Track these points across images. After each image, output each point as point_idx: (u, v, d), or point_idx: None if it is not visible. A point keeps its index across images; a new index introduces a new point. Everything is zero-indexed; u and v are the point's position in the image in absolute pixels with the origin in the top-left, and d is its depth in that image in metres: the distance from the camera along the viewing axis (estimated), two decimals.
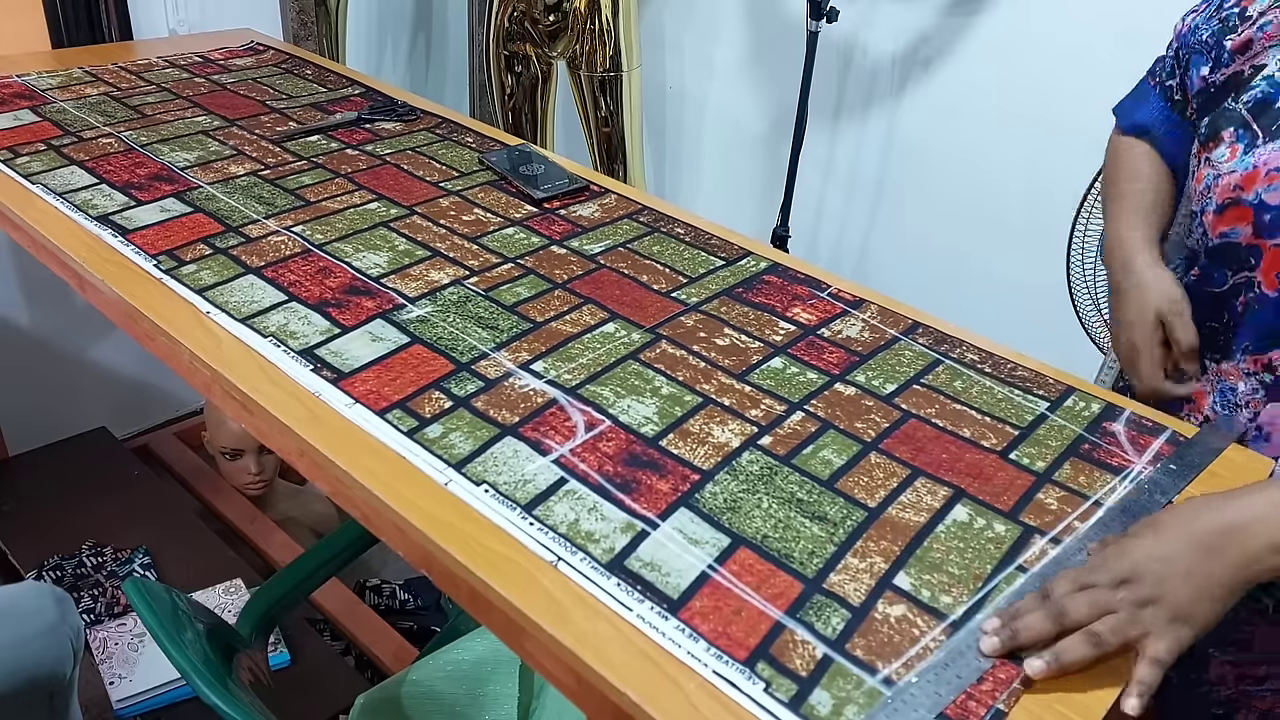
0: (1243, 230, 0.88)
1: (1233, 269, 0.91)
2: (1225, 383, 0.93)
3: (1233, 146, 0.89)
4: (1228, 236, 0.89)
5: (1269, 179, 0.85)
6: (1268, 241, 0.86)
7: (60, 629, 1.20)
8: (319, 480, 0.84)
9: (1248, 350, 0.91)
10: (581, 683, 0.65)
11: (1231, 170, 0.88)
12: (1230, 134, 0.90)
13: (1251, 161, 0.87)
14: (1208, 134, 0.92)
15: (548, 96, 2.28)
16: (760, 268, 1.10)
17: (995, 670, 0.63)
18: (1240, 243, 0.88)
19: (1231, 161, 0.88)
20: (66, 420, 2.08)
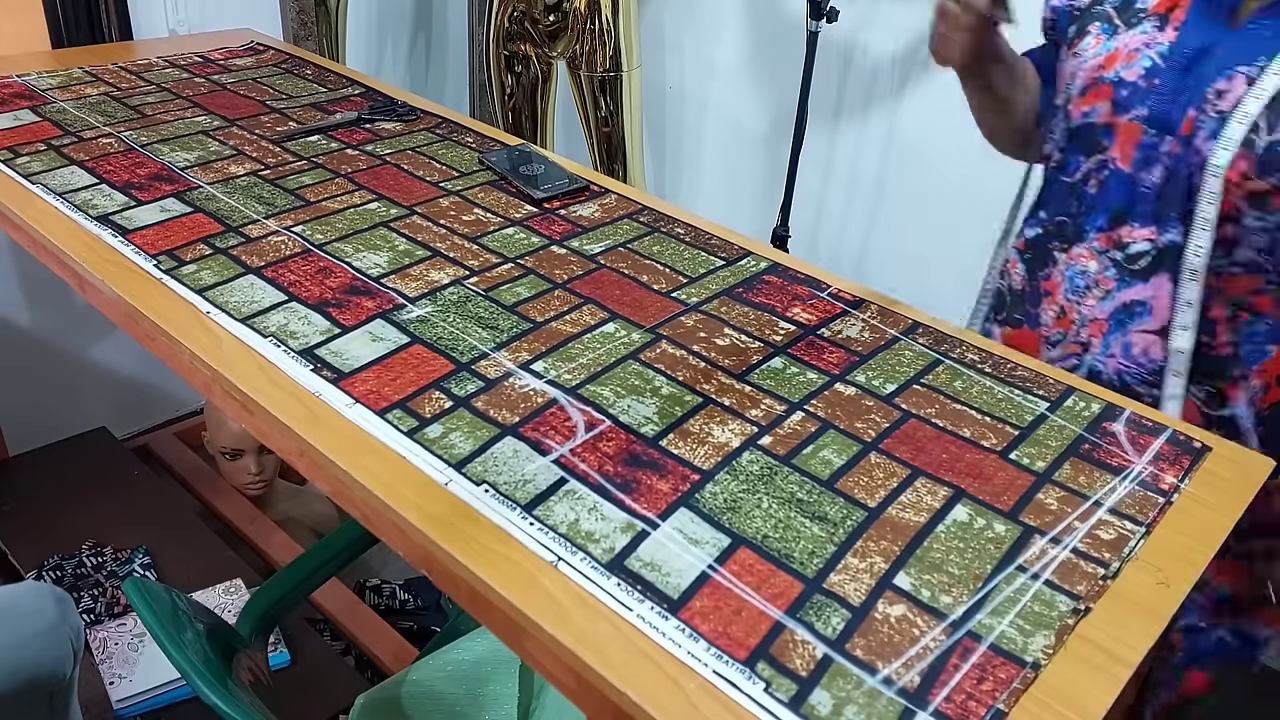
0: (1101, 108, 0.95)
1: (1088, 152, 0.97)
2: (1075, 267, 0.98)
3: (1097, 37, 0.97)
4: (1088, 117, 0.96)
5: (1128, 58, 0.94)
6: (1122, 118, 0.94)
7: (60, 629, 1.20)
8: (319, 480, 0.84)
9: (1101, 229, 0.97)
10: (581, 682, 0.65)
11: (1096, 55, 0.97)
12: (1096, 28, 0.98)
13: (1114, 45, 0.96)
14: (1075, 33, 1.00)
15: (548, 96, 2.28)
16: (760, 268, 1.10)
17: (995, 670, 0.64)
18: (1098, 123, 0.95)
19: (1096, 47, 0.97)
20: (66, 420, 2.08)
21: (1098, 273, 0.96)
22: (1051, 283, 1.01)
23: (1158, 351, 0.95)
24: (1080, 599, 0.70)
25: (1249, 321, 0.92)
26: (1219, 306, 0.93)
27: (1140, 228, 0.94)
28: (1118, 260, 0.95)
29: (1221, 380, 0.94)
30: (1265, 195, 0.87)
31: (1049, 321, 1.02)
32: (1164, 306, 0.94)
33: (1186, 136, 0.90)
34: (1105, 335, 0.97)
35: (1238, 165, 0.87)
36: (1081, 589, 0.70)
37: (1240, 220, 0.89)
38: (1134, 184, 0.94)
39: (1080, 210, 0.98)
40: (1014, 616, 0.68)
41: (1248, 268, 0.91)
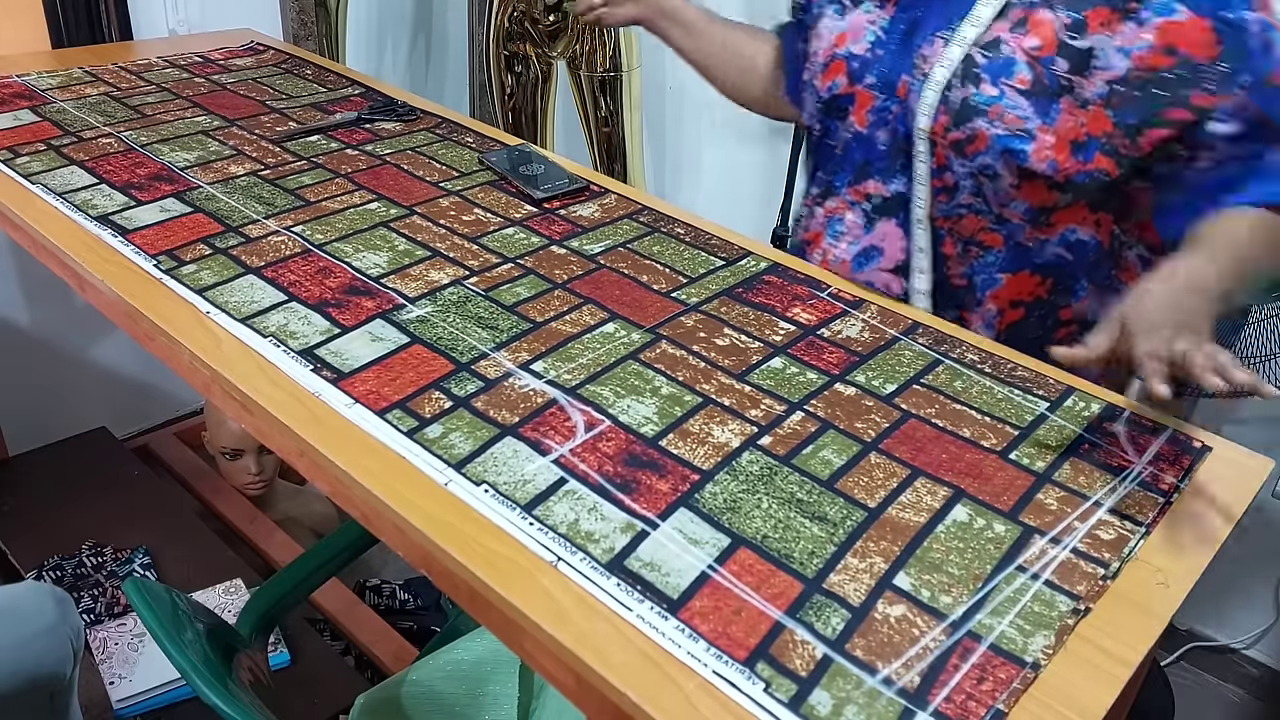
0: (840, 81, 1.08)
1: (838, 119, 1.10)
2: (834, 217, 1.13)
3: (831, 18, 1.11)
4: (832, 89, 1.09)
5: (855, 34, 1.07)
6: (857, 87, 1.07)
7: (60, 629, 1.20)
8: (319, 480, 0.84)
9: (850, 184, 1.10)
10: (581, 683, 0.65)
11: (831, 34, 1.10)
12: (830, 11, 1.12)
13: (844, 24, 1.09)
14: (815, 19, 1.14)
15: (548, 96, 2.28)
16: (760, 268, 1.10)
17: (995, 670, 0.64)
18: (840, 93, 1.08)
19: (830, 27, 1.10)
20: (66, 420, 2.08)
21: (850, 222, 1.11)
22: (814, 233, 1.17)
23: (897, 287, 1.09)
24: (1080, 599, 0.70)
25: (979, 256, 1.05)
26: (950, 245, 1.05)
27: (879, 182, 1.07)
28: (865, 210, 1.09)
29: (964, 308, 1.07)
30: (962, 143, 0.99)
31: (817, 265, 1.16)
32: (895, 249, 1.08)
33: (902, 99, 1.03)
34: (851, 274, 1.11)
35: (940, 120, 0.99)
36: (1081, 589, 0.70)
37: (952, 168, 1.01)
38: (871, 143, 1.07)
39: (834, 169, 1.13)
40: (1014, 617, 0.68)
41: (971, 209, 1.03)
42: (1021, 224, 1.01)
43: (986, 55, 0.97)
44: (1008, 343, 1.01)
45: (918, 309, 1.06)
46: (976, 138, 0.97)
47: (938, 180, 1.02)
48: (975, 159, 0.98)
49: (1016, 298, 1.05)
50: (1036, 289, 1.05)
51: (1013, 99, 0.95)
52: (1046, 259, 1.03)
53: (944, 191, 1.02)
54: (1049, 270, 1.04)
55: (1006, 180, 0.98)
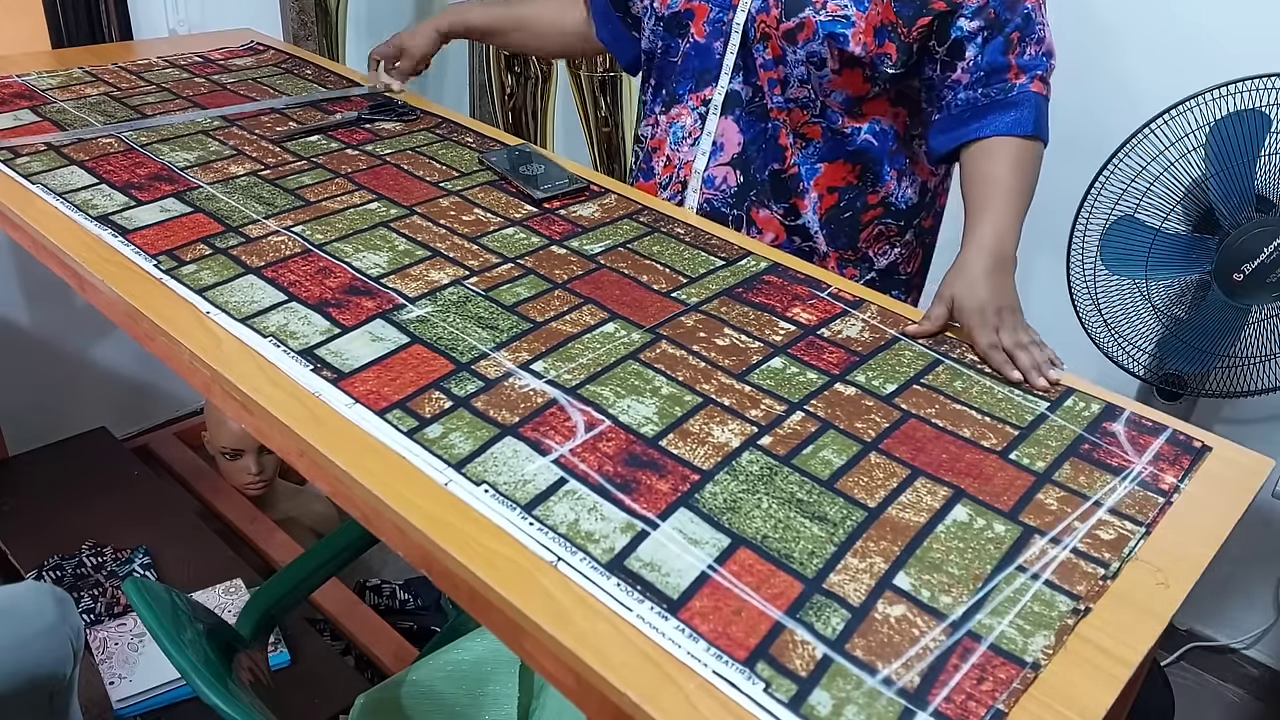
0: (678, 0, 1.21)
1: (680, 35, 1.22)
2: (676, 123, 1.26)
3: None
4: (671, 7, 1.22)
5: None
6: (695, 3, 1.20)
7: (60, 629, 1.20)
8: (319, 480, 0.84)
9: (691, 90, 1.23)
10: (581, 683, 0.65)
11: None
12: None
13: None
14: None
15: (548, 96, 2.28)
16: (760, 268, 1.10)
17: (995, 670, 0.64)
18: (680, 10, 1.21)
19: None
20: (66, 420, 2.08)
21: (690, 125, 1.24)
22: (658, 140, 1.29)
23: (732, 180, 1.23)
24: (1080, 599, 0.70)
25: (803, 147, 1.19)
26: (785, 136, 1.19)
27: (715, 85, 1.21)
28: (702, 114, 1.23)
29: (794, 195, 1.21)
30: (794, 31, 1.12)
31: (659, 170, 1.29)
32: (732, 143, 1.22)
33: (735, 6, 1.17)
34: (692, 171, 1.25)
35: (773, 13, 1.13)
36: (1081, 589, 0.70)
37: (785, 59, 1.14)
38: (710, 51, 1.20)
39: (675, 80, 1.25)
40: (1014, 617, 0.68)
41: (798, 103, 1.17)
42: (839, 113, 1.17)
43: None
44: (828, 223, 1.22)
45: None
46: (804, 25, 1.12)
47: (773, 73, 1.16)
48: (805, 45, 1.12)
49: (832, 184, 1.21)
50: (849, 175, 1.21)
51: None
52: (858, 146, 1.19)
53: (779, 84, 1.17)
54: (859, 158, 1.20)
55: (830, 66, 1.13)
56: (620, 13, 1.38)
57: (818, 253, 1.24)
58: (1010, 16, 1.09)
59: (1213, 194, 1.45)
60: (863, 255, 1.26)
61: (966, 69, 1.10)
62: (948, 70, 1.11)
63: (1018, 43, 1.10)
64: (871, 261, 1.27)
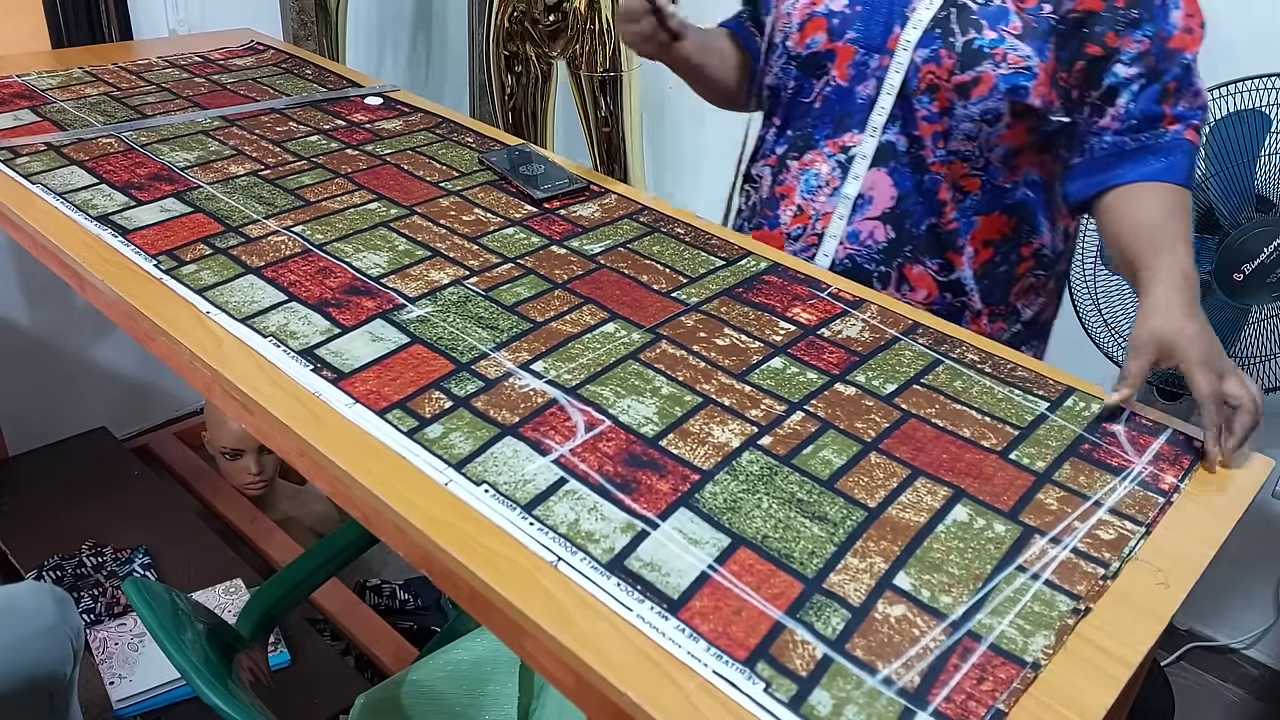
0: (819, 38, 1.12)
1: (816, 76, 1.14)
2: (809, 170, 1.16)
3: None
4: (810, 47, 1.13)
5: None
6: (838, 43, 1.11)
7: (60, 629, 1.20)
8: (319, 480, 0.84)
9: (828, 137, 1.14)
10: (581, 683, 0.65)
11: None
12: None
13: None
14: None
15: (548, 96, 2.28)
16: (760, 268, 1.10)
17: (995, 670, 0.64)
18: (819, 50, 1.13)
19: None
20: (66, 420, 2.08)
21: (828, 173, 1.14)
22: (787, 187, 1.19)
23: (882, 235, 1.13)
24: (1080, 599, 0.70)
25: (960, 200, 1.12)
26: (945, 190, 1.11)
27: (859, 133, 1.12)
28: (841, 162, 1.13)
29: (950, 250, 1.13)
30: (967, 86, 1.04)
31: (787, 220, 1.19)
32: (884, 196, 1.12)
33: (893, 51, 1.08)
34: (826, 225, 1.16)
35: (945, 64, 1.05)
36: (1081, 589, 0.70)
37: (951, 112, 1.06)
38: (852, 96, 1.12)
39: (810, 123, 1.16)
40: (1014, 616, 0.68)
41: (959, 156, 1.09)
42: (1000, 167, 1.10)
43: (978, 2, 1.05)
44: (983, 278, 1.14)
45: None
46: (981, 80, 1.04)
47: (937, 125, 1.08)
48: (980, 101, 1.05)
49: (988, 238, 1.14)
50: (1004, 228, 1.14)
51: (1012, 42, 1.03)
52: (1015, 199, 1.12)
53: (942, 137, 1.08)
54: (1015, 210, 1.13)
55: (1004, 121, 1.06)
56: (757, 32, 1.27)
57: (970, 309, 1.16)
58: (1169, 66, 1.02)
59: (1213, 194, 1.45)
60: (1012, 308, 1.18)
61: (1117, 115, 1.04)
62: (1096, 116, 1.05)
63: (1174, 93, 1.03)
64: (1019, 314, 1.19)
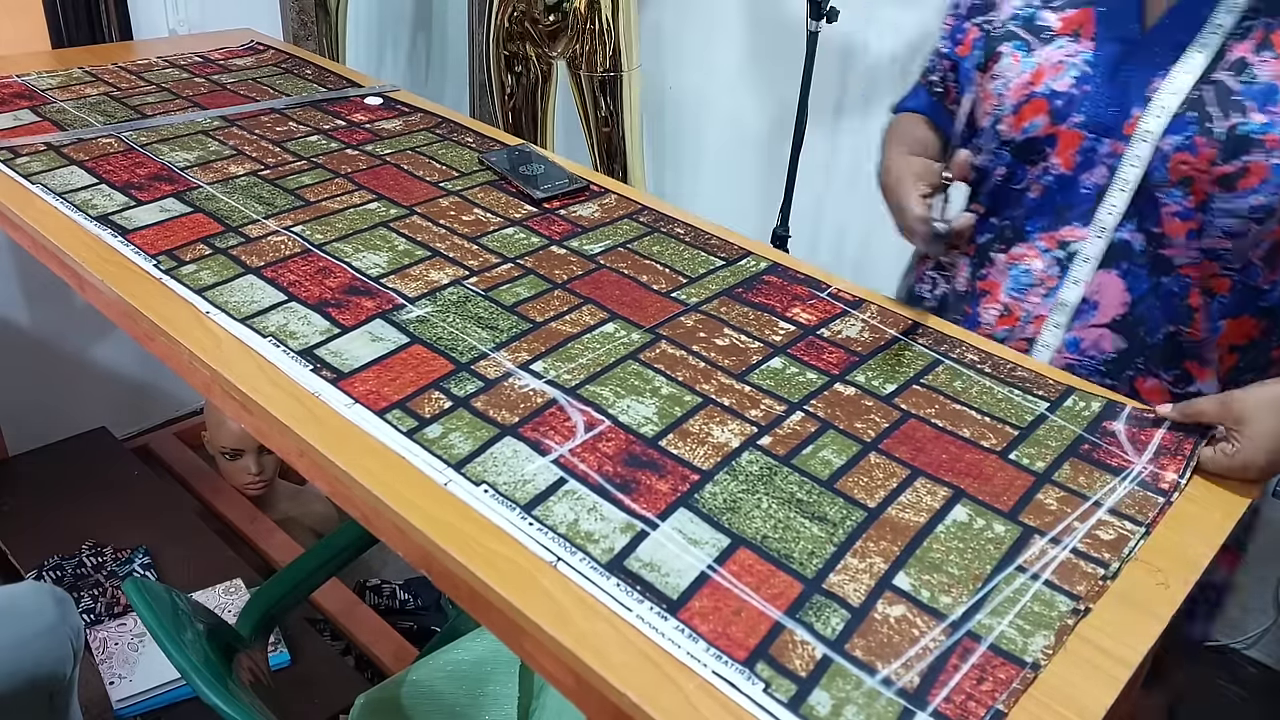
0: (1039, 121, 0.99)
1: (1032, 162, 1.01)
2: (1018, 266, 1.02)
3: (1014, 55, 1.01)
4: (1028, 131, 0.99)
5: (1055, 70, 0.98)
6: (1061, 126, 0.98)
7: (60, 629, 1.20)
8: (319, 480, 0.84)
9: (1044, 229, 1.01)
10: (581, 683, 0.65)
11: (1020, 73, 1.00)
12: (1007, 48, 1.01)
13: (1035, 61, 0.99)
14: (984, 57, 1.04)
15: (548, 96, 2.28)
16: (760, 268, 1.10)
17: (995, 670, 0.64)
18: (1038, 135, 0.99)
19: (1016, 66, 1.00)
20: (66, 420, 2.08)
21: (1041, 271, 1.01)
22: (990, 282, 1.05)
23: (1109, 345, 0.99)
24: (1080, 599, 0.69)
25: (1207, 303, 0.98)
26: (1196, 295, 0.97)
27: (1082, 227, 0.98)
28: (1060, 259, 1.00)
29: (1190, 359, 0.99)
30: (1232, 177, 0.90)
31: (991, 320, 1.06)
32: (1114, 302, 0.98)
33: (1128, 136, 0.94)
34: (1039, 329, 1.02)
35: (1202, 152, 0.90)
36: (1081, 589, 0.70)
37: (1209, 206, 0.92)
38: (1076, 185, 0.98)
39: (1022, 213, 1.02)
40: (1014, 617, 0.68)
41: (1210, 254, 0.95)
42: (1260, 267, 0.95)
43: (1241, 80, 0.90)
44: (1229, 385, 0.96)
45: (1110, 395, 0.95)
46: (1249, 170, 0.89)
47: (1190, 222, 0.93)
48: (1249, 194, 0.90)
49: (1235, 342, 0.99)
50: (1253, 331, 0.99)
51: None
52: (1273, 300, 0.97)
53: (1194, 235, 0.94)
54: (1271, 311, 0.98)
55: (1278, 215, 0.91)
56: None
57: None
58: None
59: None
60: None
61: None
62: None
63: None
64: None
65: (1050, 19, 1.00)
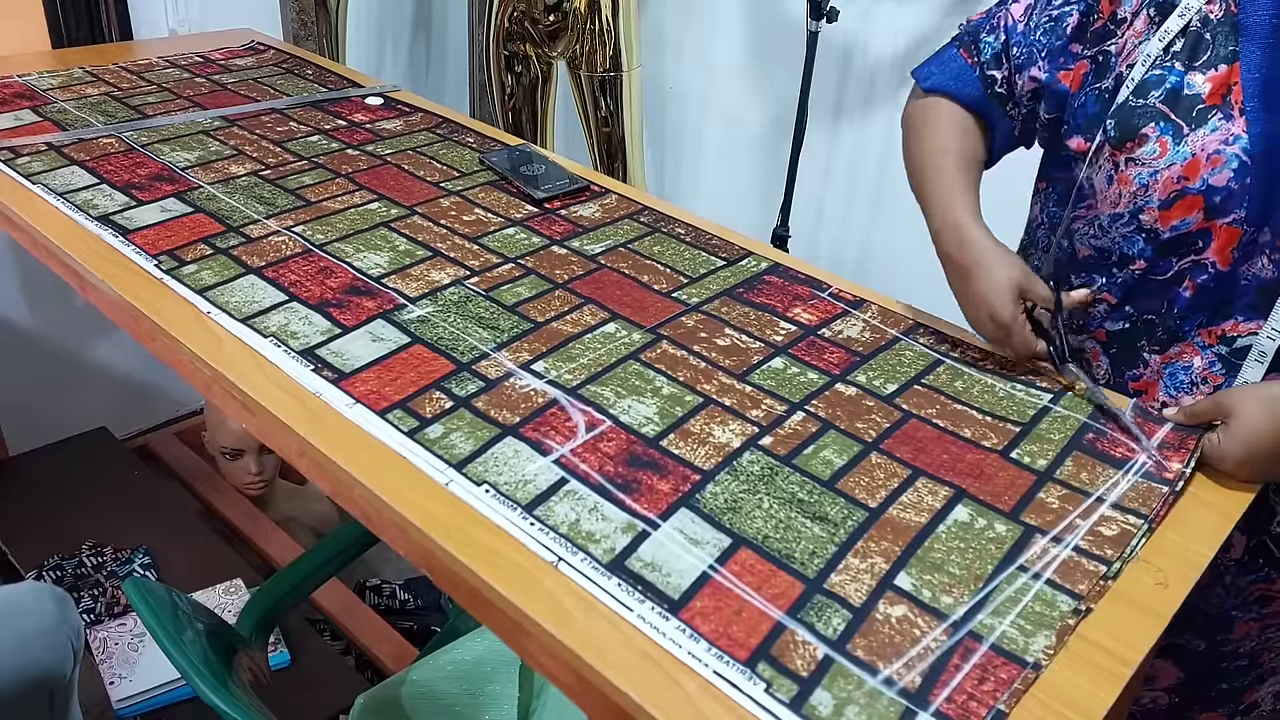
0: (1193, 219, 0.89)
1: (1180, 256, 0.92)
2: (1176, 364, 0.94)
3: (1160, 140, 0.89)
4: (1178, 229, 0.90)
5: (1211, 163, 0.87)
6: (1219, 222, 0.88)
7: (60, 629, 1.20)
8: (319, 480, 0.84)
9: (1202, 325, 0.93)
10: (582, 683, 0.65)
11: (1170, 164, 0.89)
12: (1153, 130, 0.90)
13: (1188, 151, 0.88)
14: (1121, 135, 0.92)
15: (548, 96, 2.28)
16: (761, 268, 1.10)
17: (996, 670, 0.64)
18: (1191, 230, 0.89)
19: (1166, 155, 0.89)
20: (66, 420, 2.08)
21: (1202, 369, 0.93)
22: (1144, 382, 0.97)
23: None
24: (1081, 599, 0.69)
25: None
26: None
27: (1245, 320, 0.91)
28: (1223, 355, 0.92)
29: None
30: None
31: None
32: None
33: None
34: None
35: None
36: (1083, 589, 0.70)
37: None
38: (1236, 279, 0.90)
39: (1172, 312, 0.94)
40: (1015, 617, 0.68)
41: None
42: None
43: None
44: None
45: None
46: None
47: None
48: None
49: None
50: None
51: None
52: None
53: None
54: None
55: None
56: None
57: None
58: None
59: None
60: None
61: None
62: None
63: None
64: None
65: (1198, 83, 0.88)
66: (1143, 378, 0.97)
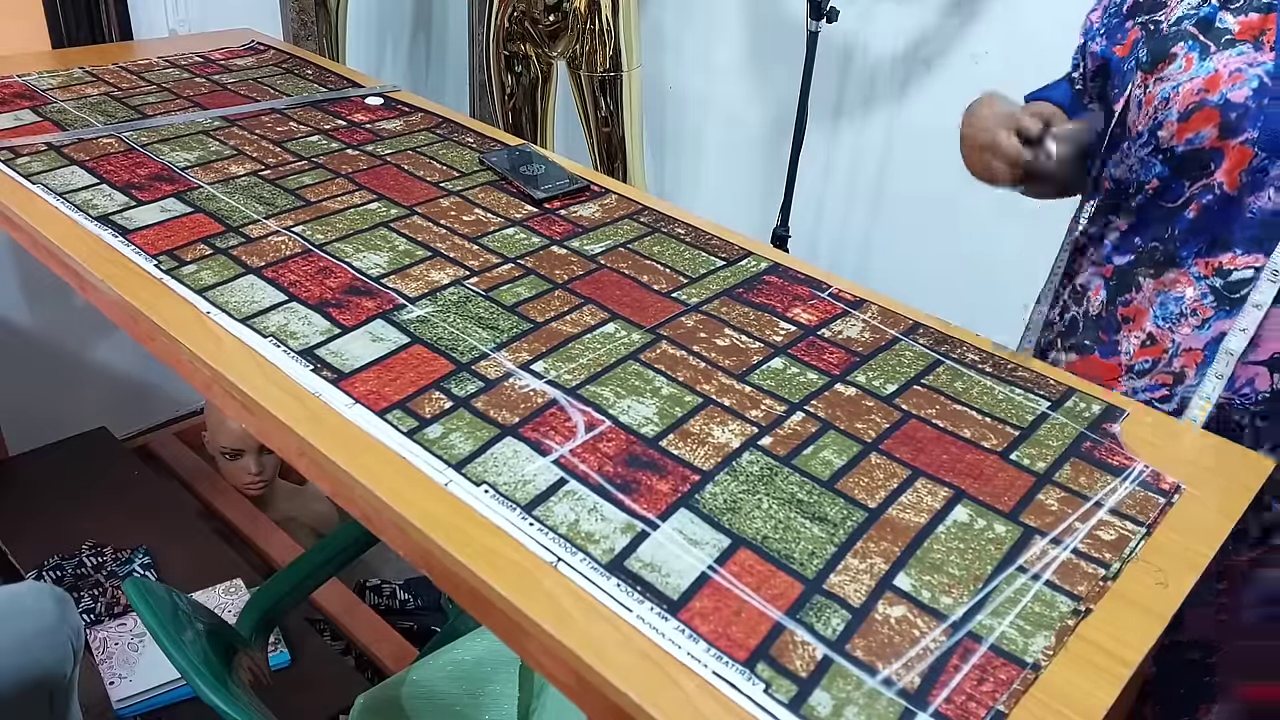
0: (1208, 133, 0.90)
1: (1192, 178, 0.92)
2: (1169, 293, 0.95)
3: (1187, 57, 0.92)
4: (1193, 143, 0.91)
5: (1232, 79, 0.89)
6: (1231, 141, 0.89)
7: (60, 629, 1.20)
8: (319, 480, 0.84)
9: (1199, 254, 0.93)
10: (582, 683, 0.65)
11: (1192, 77, 0.91)
12: (1181, 49, 0.92)
13: (1212, 66, 0.90)
14: (1154, 57, 0.94)
15: (548, 96, 2.28)
16: (761, 268, 1.10)
17: (996, 671, 0.64)
18: (1204, 147, 0.90)
19: (1190, 70, 0.91)
20: (66, 420, 2.08)
21: (1194, 300, 0.93)
22: (1134, 308, 0.97)
23: (1264, 382, 0.92)
24: (1081, 600, 0.69)
25: None
26: None
27: (1244, 254, 0.90)
28: (1217, 288, 0.92)
29: None
30: None
31: (1131, 350, 0.98)
32: (1274, 337, 0.90)
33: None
34: (1201, 365, 0.94)
35: None
36: (1082, 589, 0.70)
37: None
38: (1240, 208, 0.90)
39: (1173, 235, 0.94)
40: (1014, 617, 0.68)
41: None
42: None
43: None
44: None
45: None
46: None
47: None
48: None
49: None
50: None
51: None
52: None
53: None
54: None
55: None
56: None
57: None
58: None
59: None
60: None
61: None
62: None
63: None
64: None
65: (1229, 21, 0.91)
66: (1133, 303, 0.98)
